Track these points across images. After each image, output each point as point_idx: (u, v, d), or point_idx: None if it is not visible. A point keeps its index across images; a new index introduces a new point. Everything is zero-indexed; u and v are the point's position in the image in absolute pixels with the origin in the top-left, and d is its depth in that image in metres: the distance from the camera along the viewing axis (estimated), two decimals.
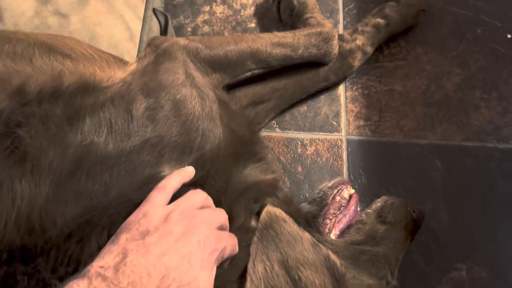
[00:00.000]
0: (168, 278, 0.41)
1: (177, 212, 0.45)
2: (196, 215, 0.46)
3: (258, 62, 0.72)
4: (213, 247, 0.45)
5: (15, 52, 0.57)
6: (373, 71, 0.87)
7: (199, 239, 0.44)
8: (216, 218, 0.48)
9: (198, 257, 0.43)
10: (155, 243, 0.42)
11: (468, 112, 0.84)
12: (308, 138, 0.83)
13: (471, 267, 0.74)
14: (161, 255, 0.41)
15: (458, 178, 0.80)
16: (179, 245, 0.43)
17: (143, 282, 0.39)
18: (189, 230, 0.44)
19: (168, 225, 0.44)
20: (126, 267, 0.40)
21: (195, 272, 0.43)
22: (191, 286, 0.42)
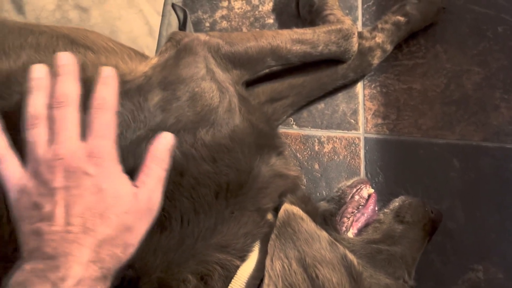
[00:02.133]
0: (88, 220, 0.40)
1: (43, 168, 0.42)
2: (58, 153, 0.42)
3: (278, 59, 0.71)
4: (100, 160, 0.43)
5: (39, 44, 0.58)
6: (391, 69, 0.86)
7: (84, 170, 0.42)
8: (69, 120, 0.44)
9: (97, 181, 0.42)
10: (53, 207, 0.40)
11: (487, 112, 0.84)
12: (325, 135, 0.83)
13: (487, 268, 0.74)
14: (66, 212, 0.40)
15: (476, 178, 0.79)
16: (73, 191, 0.41)
17: (70, 240, 0.39)
18: (67, 173, 0.41)
19: (47, 185, 0.41)
20: (46, 240, 0.39)
21: (106, 193, 0.41)
22: (112, 206, 0.41)
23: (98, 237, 0.40)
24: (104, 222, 0.41)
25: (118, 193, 0.42)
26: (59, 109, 0.44)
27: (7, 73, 0.53)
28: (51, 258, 0.38)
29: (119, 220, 0.41)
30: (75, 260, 0.38)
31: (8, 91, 0.51)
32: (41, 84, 0.45)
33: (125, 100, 0.52)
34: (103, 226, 0.40)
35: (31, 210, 0.41)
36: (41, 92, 0.45)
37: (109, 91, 0.46)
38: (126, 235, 0.42)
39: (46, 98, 0.45)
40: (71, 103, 0.44)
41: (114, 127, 0.45)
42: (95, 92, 0.45)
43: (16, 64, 0.54)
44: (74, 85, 0.45)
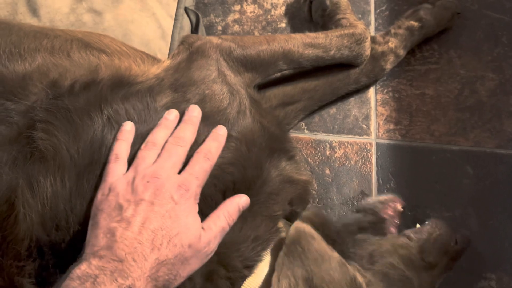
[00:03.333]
0: (157, 238, 0.44)
1: (139, 179, 0.47)
2: (158, 174, 0.48)
3: (290, 63, 0.71)
4: (186, 193, 0.48)
5: (53, 47, 0.59)
6: (404, 74, 0.85)
7: (171, 195, 0.47)
8: (177, 156, 0.51)
9: (177, 209, 0.46)
10: (133, 214, 0.45)
11: (501, 118, 0.82)
12: (337, 140, 0.82)
13: (501, 277, 0.73)
14: (143, 223, 0.44)
15: (490, 185, 0.78)
16: (156, 208, 0.45)
17: (139, 251, 0.42)
18: (157, 191, 0.46)
19: (137, 195, 0.46)
20: (118, 243, 0.42)
21: (180, 222, 0.46)
22: (181, 234, 0.45)
23: (161, 258, 0.43)
24: (169, 246, 0.44)
25: (188, 227, 0.46)
26: (174, 146, 0.52)
27: (23, 75, 0.54)
28: (119, 260, 0.41)
29: (181, 250, 0.45)
30: (139, 271, 0.41)
31: (24, 92, 0.53)
32: (169, 124, 0.53)
33: (134, 100, 0.54)
34: (168, 249, 0.44)
35: (114, 209, 0.45)
36: (166, 130, 0.53)
37: (216, 146, 0.53)
38: (181, 266, 0.45)
39: (167, 136, 0.52)
40: (184, 145, 0.52)
41: (207, 176, 0.51)
42: (205, 143, 0.53)
43: (31, 66, 0.55)
44: (193, 133, 0.54)
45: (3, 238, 0.49)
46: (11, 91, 0.52)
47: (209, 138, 0.54)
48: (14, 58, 0.55)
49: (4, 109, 0.51)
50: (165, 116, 0.54)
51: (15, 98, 0.52)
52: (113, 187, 0.47)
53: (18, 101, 0.52)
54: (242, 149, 0.56)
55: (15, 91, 0.52)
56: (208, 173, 0.52)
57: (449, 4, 0.84)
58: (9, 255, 0.48)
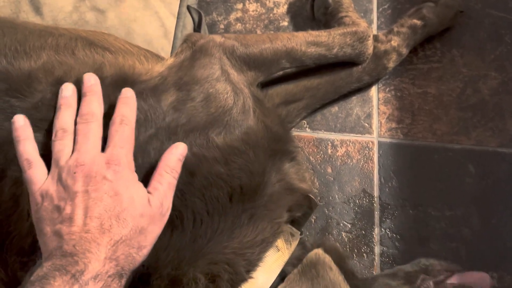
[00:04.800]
0: (105, 221, 0.43)
1: (65, 174, 0.46)
2: (81, 161, 0.46)
3: (293, 61, 0.71)
4: (118, 167, 0.46)
5: (58, 45, 0.59)
6: (406, 73, 0.85)
7: (103, 175, 0.45)
8: (93, 134, 0.48)
9: (114, 186, 0.45)
10: (72, 210, 0.43)
11: (504, 117, 0.82)
12: (338, 139, 0.82)
13: (502, 276, 0.73)
14: (85, 213, 0.43)
15: (492, 184, 0.78)
16: (92, 194, 0.44)
17: (89, 239, 0.41)
18: (87, 178, 0.45)
19: (69, 190, 0.45)
20: (66, 240, 0.42)
21: (123, 197, 0.44)
22: (128, 208, 0.44)
23: (114, 237, 0.43)
24: (120, 223, 0.43)
25: (133, 198, 0.45)
26: (84, 124, 0.49)
27: (28, 72, 0.54)
28: (70, 255, 0.40)
29: (134, 223, 0.44)
30: (93, 256, 0.41)
31: (29, 89, 0.53)
32: (69, 102, 0.51)
33: (139, 100, 0.53)
34: (119, 227, 0.43)
35: (53, 213, 0.44)
36: (70, 109, 0.50)
37: (128, 109, 0.51)
38: (140, 237, 0.44)
39: (73, 114, 0.50)
40: (95, 120, 0.49)
41: (132, 140, 0.49)
42: (116, 110, 0.50)
43: (36, 64, 0.55)
44: (99, 104, 0.51)
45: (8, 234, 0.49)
46: (16, 89, 0.52)
47: (118, 103, 0.51)
48: (19, 56, 0.55)
49: (9, 106, 0.52)
50: (62, 94, 0.51)
51: (20, 96, 0.52)
52: (44, 193, 0.46)
53: (23, 98, 0.52)
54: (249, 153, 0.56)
55: (20, 88, 0.52)
56: (131, 138, 0.49)
57: (452, 3, 0.84)
58: (13, 251, 0.49)
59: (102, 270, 0.41)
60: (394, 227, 0.77)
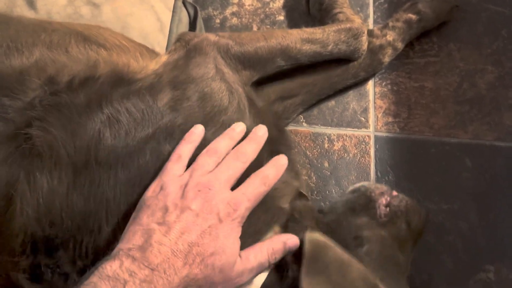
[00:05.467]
0: (191, 253, 0.42)
1: (192, 185, 0.46)
2: (211, 185, 0.47)
3: (288, 59, 0.71)
4: (233, 213, 0.46)
5: (51, 41, 0.58)
6: (403, 67, 0.85)
7: (218, 211, 0.45)
8: (234, 170, 0.50)
9: (219, 227, 0.44)
10: (175, 221, 0.43)
11: (501, 111, 0.82)
12: (335, 133, 0.82)
13: (499, 269, 0.73)
14: (182, 233, 0.43)
15: (489, 178, 0.78)
16: (199, 221, 0.44)
17: (171, 262, 0.41)
18: (206, 203, 0.45)
19: (185, 201, 0.45)
20: (153, 247, 0.41)
21: (218, 242, 0.44)
22: (216, 255, 0.43)
23: (190, 275, 0.42)
24: (201, 265, 0.42)
25: (225, 250, 0.44)
26: (235, 158, 0.51)
27: (20, 70, 0.53)
28: (151, 269, 0.40)
29: (212, 273, 0.43)
30: (167, 286, 0.40)
31: (22, 88, 0.52)
32: (233, 136, 0.53)
33: (136, 99, 0.53)
34: (198, 268, 0.42)
35: (159, 209, 0.44)
36: (230, 141, 0.53)
37: (275, 173, 0.52)
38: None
39: (230, 147, 0.52)
40: (244, 162, 0.51)
41: (258, 201, 0.50)
42: (265, 167, 0.52)
43: (29, 61, 0.54)
44: (255, 152, 0.53)
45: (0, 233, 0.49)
46: (7, 87, 0.51)
47: (269, 164, 0.53)
48: (11, 53, 0.54)
49: (0, 105, 0.51)
50: (232, 126, 0.54)
51: (12, 94, 0.51)
52: (165, 186, 0.46)
53: (15, 97, 0.51)
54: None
55: (11, 87, 0.51)
56: (260, 198, 0.50)
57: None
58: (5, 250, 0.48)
59: None
60: None
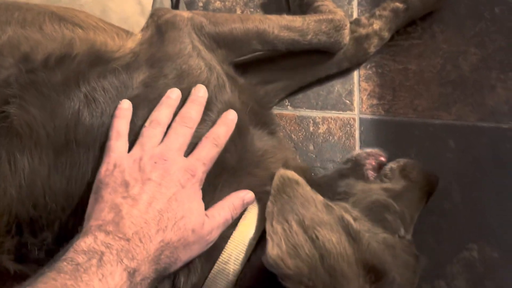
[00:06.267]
0: (163, 219, 0.44)
1: (147, 159, 0.47)
2: (165, 155, 0.48)
3: (264, 44, 0.69)
4: (192, 178, 0.48)
5: (25, 19, 0.57)
6: (387, 50, 0.85)
7: (178, 178, 0.47)
8: (184, 137, 0.51)
9: (182, 193, 0.46)
10: (139, 192, 0.44)
11: (483, 92, 0.83)
12: (320, 116, 0.82)
13: (482, 247, 0.73)
14: (150, 202, 0.44)
15: (472, 158, 0.79)
16: (163, 189, 0.45)
17: (145, 231, 0.42)
18: (165, 173, 0.47)
19: (144, 174, 0.46)
20: (125, 220, 0.42)
21: (185, 206, 0.46)
22: (185, 218, 0.45)
23: (165, 240, 0.43)
24: (174, 229, 0.44)
25: (192, 212, 0.46)
26: (181, 124, 0.51)
27: None
28: (126, 239, 0.41)
29: (185, 234, 0.45)
30: (144, 253, 0.41)
31: None
32: (171, 103, 0.53)
33: (112, 77, 0.53)
34: (172, 232, 0.44)
35: (120, 185, 0.45)
36: (169, 108, 0.52)
37: (225, 131, 0.53)
38: (182, 251, 0.45)
39: (171, 115, 0.52)
40: (191, 126, 0.52)
41: (213, 162, 0.51)
42: (214, 127, 0.53)
43: (1, 39, 0.53)
44: (199, 114, 0.53)
45: None
46: None
47: (218, 122, 0.53)
48: None
49: None
50: (167, 94, 0.53)
51: None
52: (119, 164, 0.47)
53: None
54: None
55: None
56: (214, 159, 0.51)
57: None
58: None
59: (147, 274, 0.41)
60: None
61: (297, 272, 0.44)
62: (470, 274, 0.72)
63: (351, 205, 0.58)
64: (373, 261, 0.48)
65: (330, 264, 0.45)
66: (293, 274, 0.44)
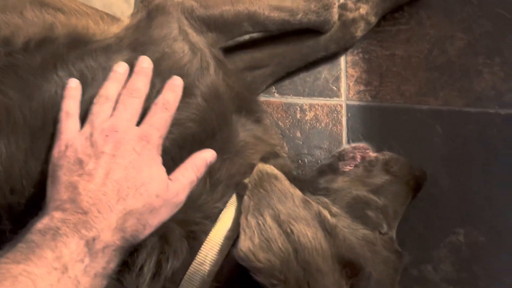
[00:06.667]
0: (122, 188, 0.43)
1: (98, 133, 0.47)
2: (116, 127, 0.47)
3: (255, 25, 0.69)
4: (147, 144, 0.48)
5: (6, 5, 0.56)
6: (374, 35, 0.85)
7: (132, 147, 0.47)
8: (133, 107, 0.50)
9: (139, 160, 0.46)
10: (95, 167, 0.44)
11: (470, 77, 0.83)
12: (307, 103, 0.81)
13: (469, 232, 0.74)
14: (107, 174, 0.44)
15: (459, 143, 0.79)
16: (118, 160, 0.45)
17: (104, 202, 0.42)
18: (118, 144, 0.46)
19: (97, 149, 0.45)
20: (82, 195, 0.42)
21: (144, 173, 0.46)
22: (147, 184, 0.45)
23: (127, 208, 0.43)
24: (136, 196, 0.44)
25: (153, 177, 0.46)
26: (127, 96, 0.51)
27: None
28: (83, 212, 0.41)
29: (148, 200, 0.45)
30: (105, 223, 0.41)
31: None
32: (118, 77, 0.52)
33: (89, 59, 0.52)
34: (134, 199, 0.44)
35: (74, 164, 0.44)
36: (117, 83, 0.52)
37: (174, 96, 0.52)
38: (150, 216, 0.45)
39: (119, 88, 0.51)
40: (139, 96, 0.51)
41: (167, 127, 0.51)
42: (162, 94, 0.52)
43: None
44: (146, 84, 0.52)
45: None
46: None
47: (165, 89, 0.52)
48: None
49: None
50: (114, 69, 0.52)
51: None
52: (70, 143, 0.46)
53: None
54: (201, 103, 0.56)
55: None
56: (168, 123, 0.51)
57: None
58: None
59: (110, 242, 0.41)
60: None
61: (269, 265, 0.44)
62: (456, 258, 0.73)
63: (332, 201, 0.58)
64: (349, 256, 0.48)
65: (304, 258, 0.45)
66: (264, 267, 0.44)
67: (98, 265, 0.40)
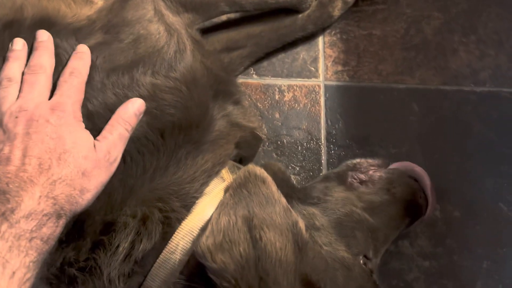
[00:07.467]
0: (44, 161, 0.43)
1: (7, 118, 0.46)
2: (24, 106, 0.46)
3: (232, 5, 0.69)
4: (63, 113, 0.46)
5: None
6: (352, 16, 0.85)
7: (46, 119, 0.45)
8: (40, 84, 0.48)
9: (58, 130, 0.45)
10: (10, 150, 0.43)
11: (446, 56, 0.84)
12: (285, 84, 0.82)
13: (444, 207, 0.76)
14: (24, 154, 0.43)
15: (435, 121, 0.80)
16: (33, 136, 0.44)
17: (24, 178, 0.41)
18: (30, 121, 0.45)
19: (9, 133, 0.45)
20: (1, 179, 0.41)
21: (66, 140, 0.45)
22: (70, 150, 0.45)
23: (53, 177, 0.42)
24: (60, 164, 0.43)
25: (76, 142, 0.45)
26: (31, 74, 0.49)
27: None
28: (3, 193, 0.40)
29: (76, 164, 0.44)
30: (26, 194, 0.40)
31: None
32: (17, 55, 0.50)
33: (57, 39, 0.51)
34: (59, 167, 0.43)
35: None
36: (18, 61, 0.50)
37: (81, 63, 0.50)
38: (83, 179, 0.44)
39: (21, 67, 0.50)
40: (43, 72, 0.49)
41: (82, 93, 0.49)
42: (69, 63, 0.50)
43: None
44: (50, 58, 0.50)
45: None
46: None
47: (71, 59, 0.50)
48: None
49: None
50: (11, 47, 0.50)
51: None
52: None
53: None
54: (182, 89, 0.54)
55: None
56: (80, 89, 0.49)
57: None
58: None
59: (36, 209, 0.40)
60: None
61: (222, 267, 0.43)
62: (432, 233, 0.74)
63: (321, 211, 0.56)
64: (313, 276, 0.46)
65: (264, 267, 0.44)
66: (217, 269, 0.43)
67: (19, 230, 0.39)
